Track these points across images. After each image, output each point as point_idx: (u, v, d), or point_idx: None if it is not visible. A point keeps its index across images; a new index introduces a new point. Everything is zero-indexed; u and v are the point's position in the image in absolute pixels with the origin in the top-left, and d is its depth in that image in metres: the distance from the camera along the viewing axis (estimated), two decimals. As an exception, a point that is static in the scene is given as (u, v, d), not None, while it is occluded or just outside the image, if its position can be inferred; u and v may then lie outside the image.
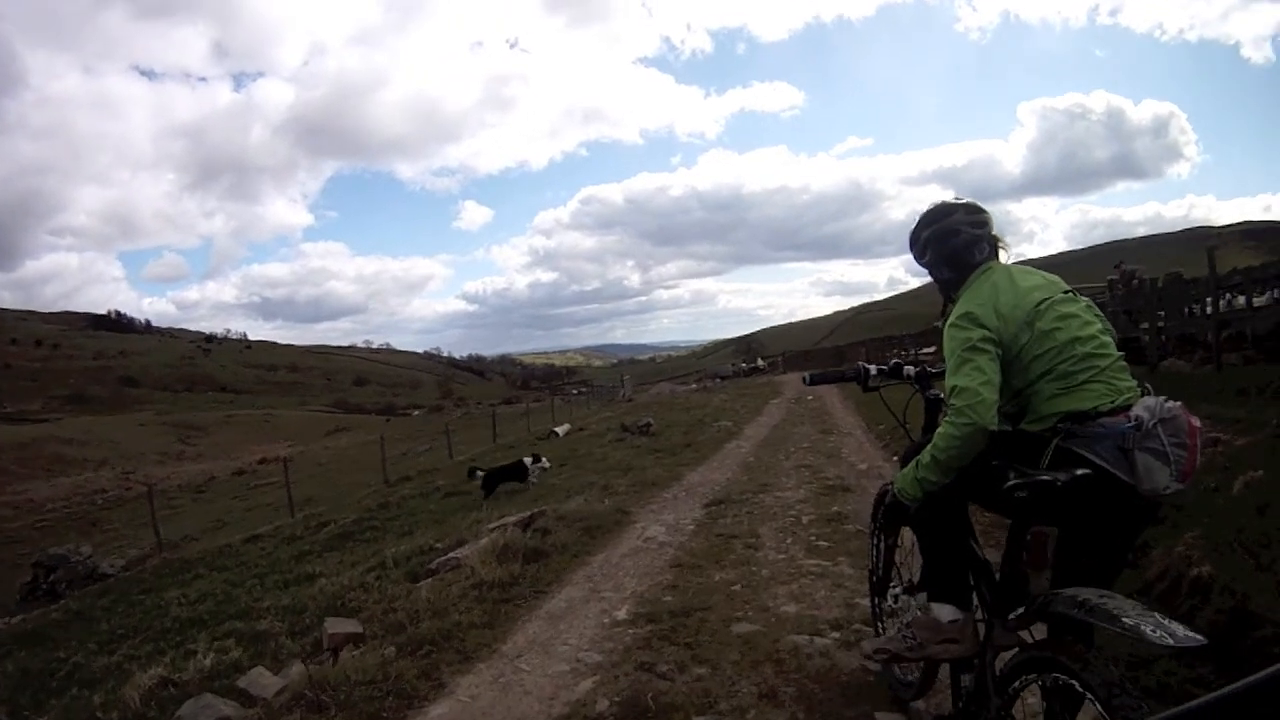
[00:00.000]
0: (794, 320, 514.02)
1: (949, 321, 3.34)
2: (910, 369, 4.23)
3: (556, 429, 32.56)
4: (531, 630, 6.04)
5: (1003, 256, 3.57)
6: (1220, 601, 4.45)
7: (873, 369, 4.29)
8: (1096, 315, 3.31)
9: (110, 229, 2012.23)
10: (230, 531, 26.16)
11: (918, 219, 3.69)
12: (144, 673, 7.74)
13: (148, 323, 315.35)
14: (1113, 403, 3.02)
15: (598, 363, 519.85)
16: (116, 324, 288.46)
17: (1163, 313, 19.21)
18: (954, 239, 3.50)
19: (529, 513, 10.44)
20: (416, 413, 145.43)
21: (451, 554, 9.13)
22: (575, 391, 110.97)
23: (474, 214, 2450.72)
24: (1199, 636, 2.31)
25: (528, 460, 17.69)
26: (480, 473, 19.17)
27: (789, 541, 7.98)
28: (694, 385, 73.01)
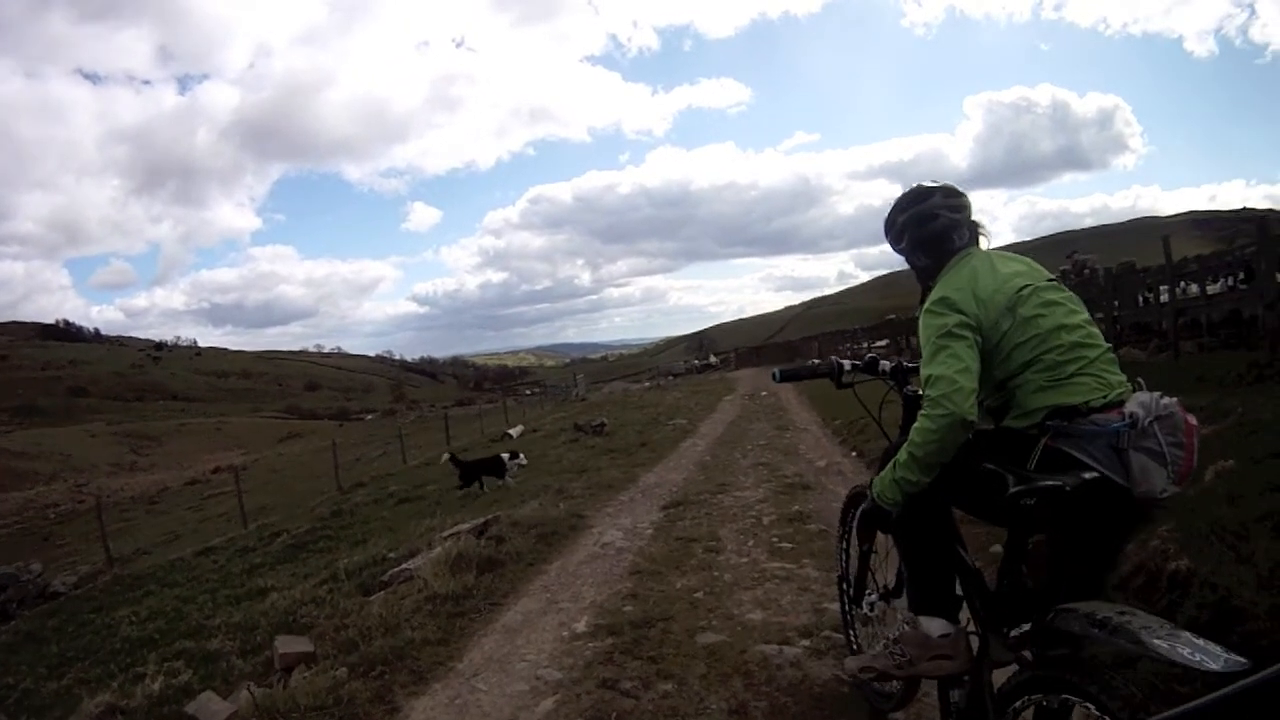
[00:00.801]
0: (745, 316, 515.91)
1: (924, 308, 3.14)
2: (886, 363, 4.01)
3: (510, 430, 32.35)
4: (487, 646, 5.79)
5: (983, 243, 3.38)
6: (1202, 596, 4.31)
7: (847, 364, 4.08)
8: (1082, 306, 3.13)
9: (56, 236, 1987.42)
10: (183, 544, 25.66)
11: (893, 203, 3.50)
12: (91, 700, 7.52)
13: (96, 331, 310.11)
14: (1104, 398, 2.84)
15: (550, 362, 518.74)
16: (65, 333, 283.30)
17: (1117, 301, 19.30)
18: (931, 223, 3.31)
19: (483, 519, 10.22)
20: (369, 417, 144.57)
21: (404, 565, 8.91)
22: (528, 392, 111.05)
23: (423, 215, 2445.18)
24: (1242, 659, 2.10)
25: (505, 456, 17.38)
26: (447, 457, 19.19)
27: (751, 544, 7.79)
28: (647, 383, 73.15)
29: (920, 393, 3.21)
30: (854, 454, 12.85)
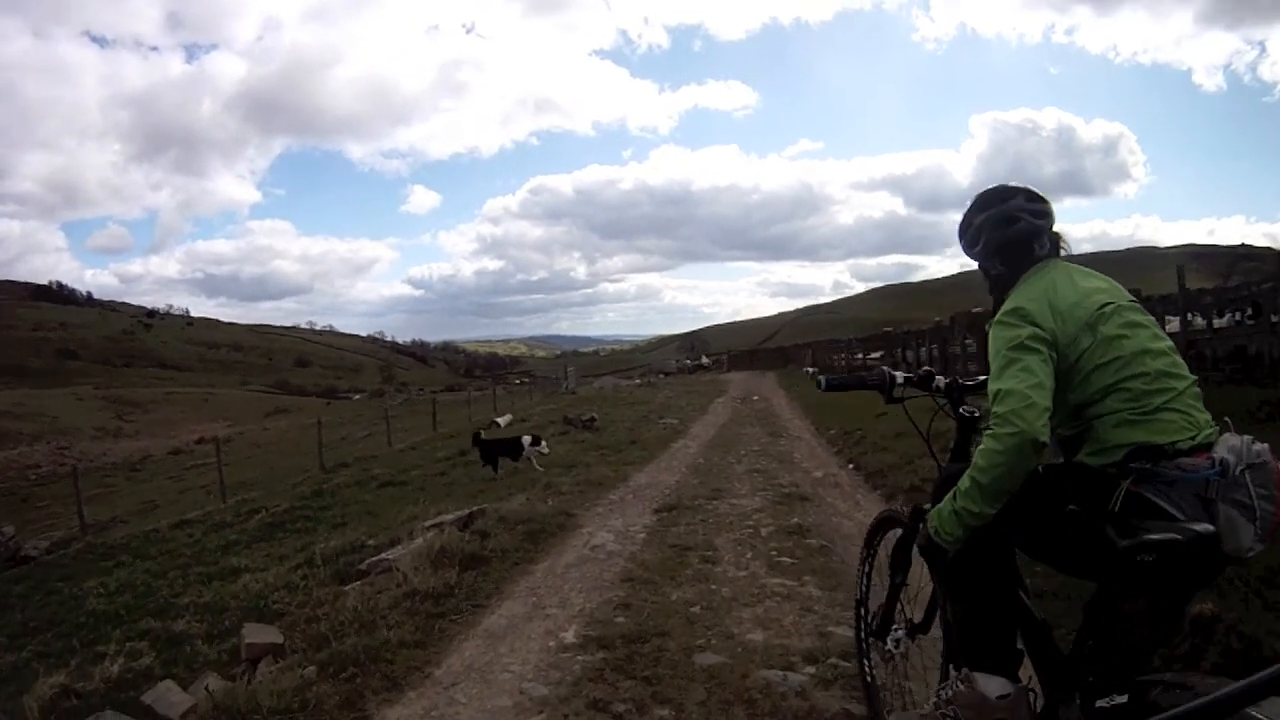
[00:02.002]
0: (739, 319, 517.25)
1: (995, 319, 2.82)
2: (941, 379, 3.65)
3: (498, 419, 32.09)
4: (468, 652, 5.42)
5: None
6: (1227, 642, 4.07)
7: (899, 376, 3.70)
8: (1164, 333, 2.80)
9: (54, 197, 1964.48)
10: (160, 515, 25.41)
11: (970, 202, 3.15)
12: (46, 680, 7.19)
13: (89, 295, 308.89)
14: (1192, 439, 2.52)
15: (541, 353, 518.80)
16: (58, 295, 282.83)
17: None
18: (1012, 226, 2.97)
19: (467, 511, 9.93)
20: (357, 397, 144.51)
21: (383, 555, 8.65)
22: (518, 382, 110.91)
23: (423, 198, 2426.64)
24: None
25: (526, 440, 16.90)
26: (482, 434, 18.96)
27: (749, 556, 7.41)
28: (638, 380, 73.11)
29: (976, 414, 2.89)
30: (851, 466, 12.62)
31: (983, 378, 3.39)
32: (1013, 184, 3.08)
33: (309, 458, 30.49)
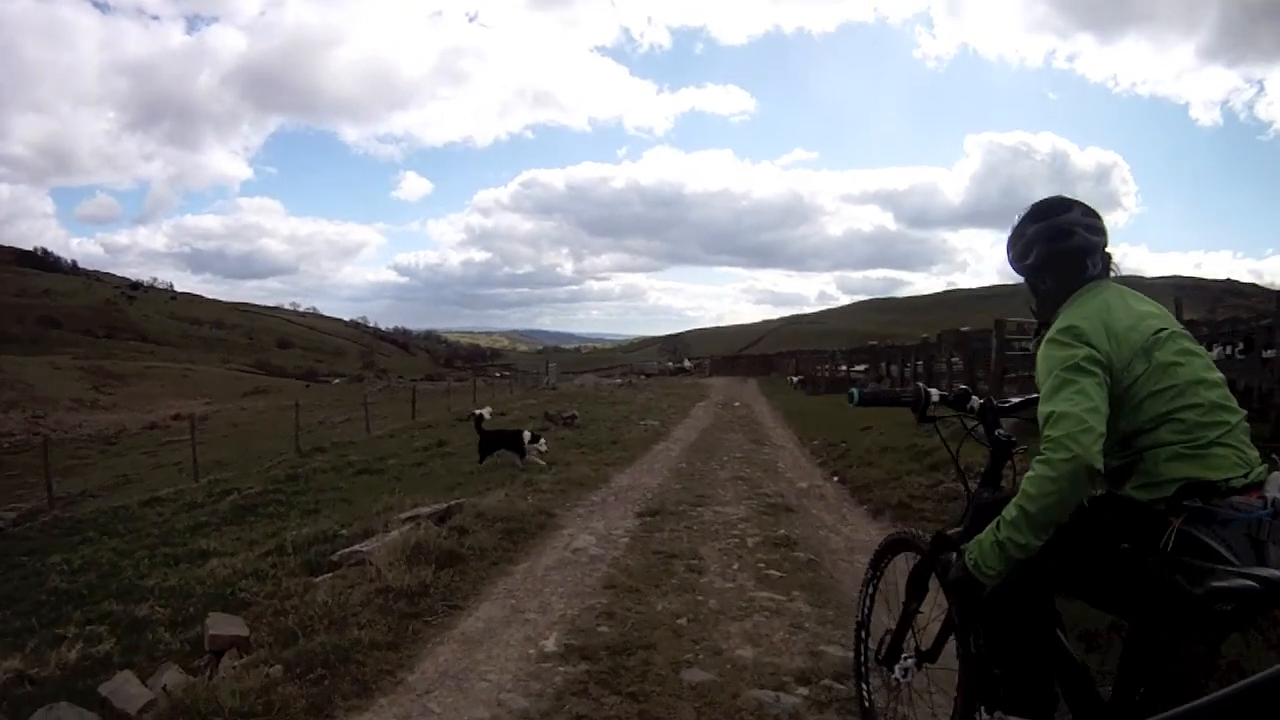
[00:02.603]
0: (723, 324, 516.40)
1: (1046, 338, 2.66)
2: (976, 400, 3.43)
3: (478, 411, 31.81)
4: (443, 657, 5.17)
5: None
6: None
7: (934, 394, 3.50)
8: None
9: (45, 162, 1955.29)
10: (132, 490, 25.18)
11: (1023, 213, 2.98)
12: (0, 664, 6.94)
13: (74, 263, 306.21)
14: (1245, 477, 2.37)
15: (523, 348, 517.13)
16: (43, 262, 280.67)
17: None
18: (1068, 240, 2.80)
19: (444, 505, 9.68)
20: (337, 381, 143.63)
21: (356, 546, 8.38)
22: (498, 374, 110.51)
23: (414, 185, 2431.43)
24: None
25: (526, 435, 16.20)
26: (480, 414, 18.61)
27: (735, 567, 7.21)
28: (619, 380, 73.02)
29: (1012, 439, 2.69)
30: (835, 479, 12.42)
31: (1017, 400, 3.22)
32: (1068, 197, 2.91)
33: (285, 440, 30.15)
